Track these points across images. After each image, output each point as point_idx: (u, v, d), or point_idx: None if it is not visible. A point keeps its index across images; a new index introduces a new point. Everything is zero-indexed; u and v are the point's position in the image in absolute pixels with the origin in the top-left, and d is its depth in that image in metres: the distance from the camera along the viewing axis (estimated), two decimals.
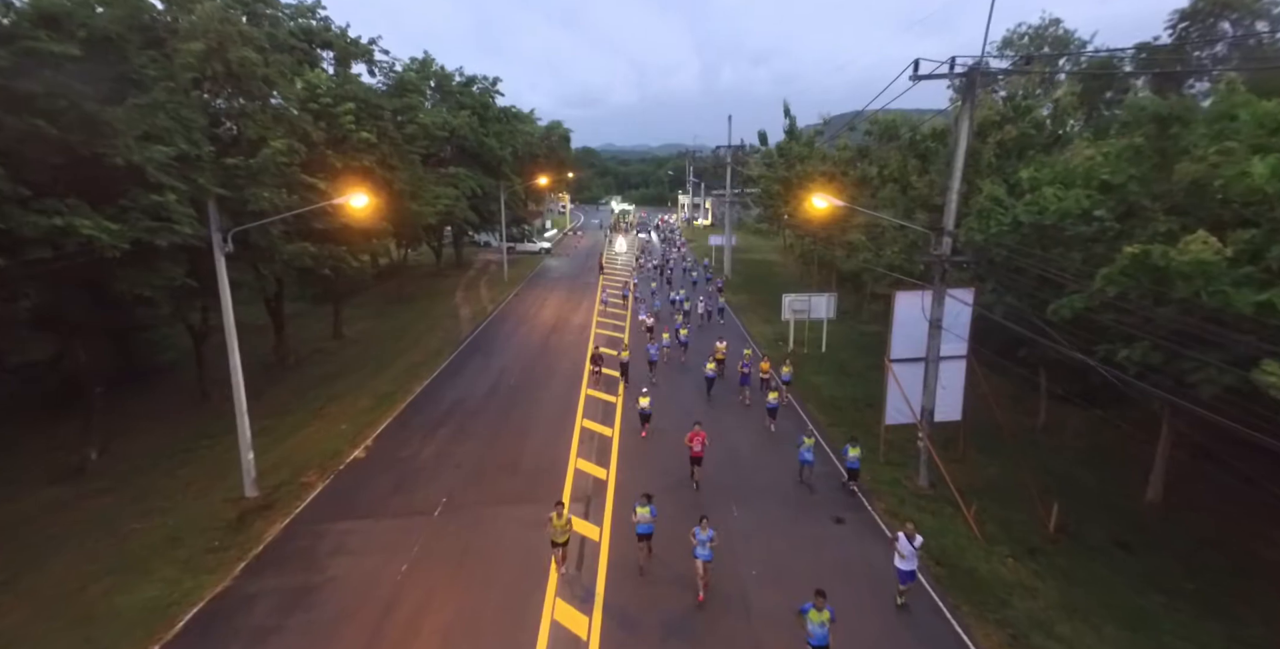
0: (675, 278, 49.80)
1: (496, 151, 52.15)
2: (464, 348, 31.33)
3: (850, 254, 32.87)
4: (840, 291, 45.31)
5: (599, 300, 40.21)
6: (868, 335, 35.01)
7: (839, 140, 39.89)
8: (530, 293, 45.89)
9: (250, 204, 18.31)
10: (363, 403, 23.37)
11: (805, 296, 30.77)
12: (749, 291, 46.24)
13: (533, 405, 23.12)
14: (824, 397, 24.80)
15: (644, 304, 36.66)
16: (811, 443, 16.95)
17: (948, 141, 25.28)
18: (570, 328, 35.14)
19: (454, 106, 50.91)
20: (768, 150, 51.16)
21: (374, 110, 29.28)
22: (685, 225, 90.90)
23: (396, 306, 41.80)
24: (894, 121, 27.30)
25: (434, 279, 51.45)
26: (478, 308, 40.79)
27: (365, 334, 34.93)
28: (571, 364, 28.30)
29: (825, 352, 30.83)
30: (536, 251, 65.79)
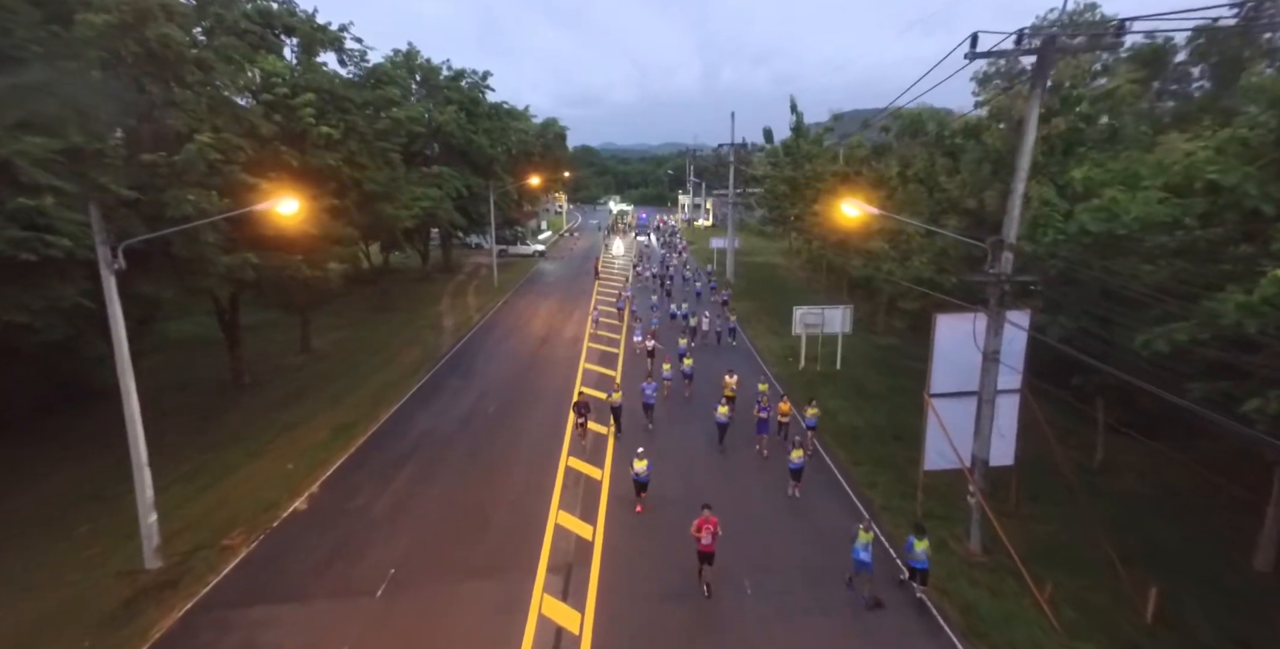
0: (676, 287, 45.53)
1: (486, 149, 49.21)
2: (442, 365, 28.40)
3: (868, 263, 29.89)
4: (852, 299, 42.47)
5: (591, 319, 34.47)
6: (885, 350, 32.12)
7: (852, 138, 36.96)
8: (520, 300, 42.94)
9: (170, 209, 15.37)
10: (319, 435, 20.43)
11: (819, 309, 27.84)
12: (754, 298, 43.31)
13: (512, 439, 20.19)
14: (842, 425, 21.86)
15: (640, 323, 32.22)
16: (870, 539, 12.35)
17: (983, 138, 22.41)
18: (560, 341, 32.19)
19: (441, 102, 48.01)
20: (773, 148, 48.25)
21: (341, 103, 26.33)
22: (685, 226, 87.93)
23: (376, 315, 38.87)
24: (920, 116, 24.41)
25: (419, 285, 48.49)
26: (462, 317, 37.85)
27: (338, 347, 31.99)
28: (559, 385, 25.38)
29: (840, 369, 27.91)
30: (530, 254, 62.85)
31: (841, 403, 24.04)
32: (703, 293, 42.29)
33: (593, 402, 20.68)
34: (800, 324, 27.72)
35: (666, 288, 43.40)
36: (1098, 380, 17.22)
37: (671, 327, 33.08)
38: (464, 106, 48.99)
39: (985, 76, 33.91)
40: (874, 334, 34.83)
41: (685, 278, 48.97)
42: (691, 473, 17.66)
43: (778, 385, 24.62)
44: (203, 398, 23.86)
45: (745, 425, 19.38)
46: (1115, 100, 19.42)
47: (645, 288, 45.61)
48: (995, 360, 13.29)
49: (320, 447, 19.32)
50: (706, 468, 18.12)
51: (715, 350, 30.49)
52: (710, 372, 24.82)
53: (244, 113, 20.11)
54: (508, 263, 59.16)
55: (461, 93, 49.60)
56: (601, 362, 28.41)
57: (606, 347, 30.93)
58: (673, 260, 57.68)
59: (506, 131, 54.93)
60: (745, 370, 26.18)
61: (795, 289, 48.02)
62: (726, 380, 21.40)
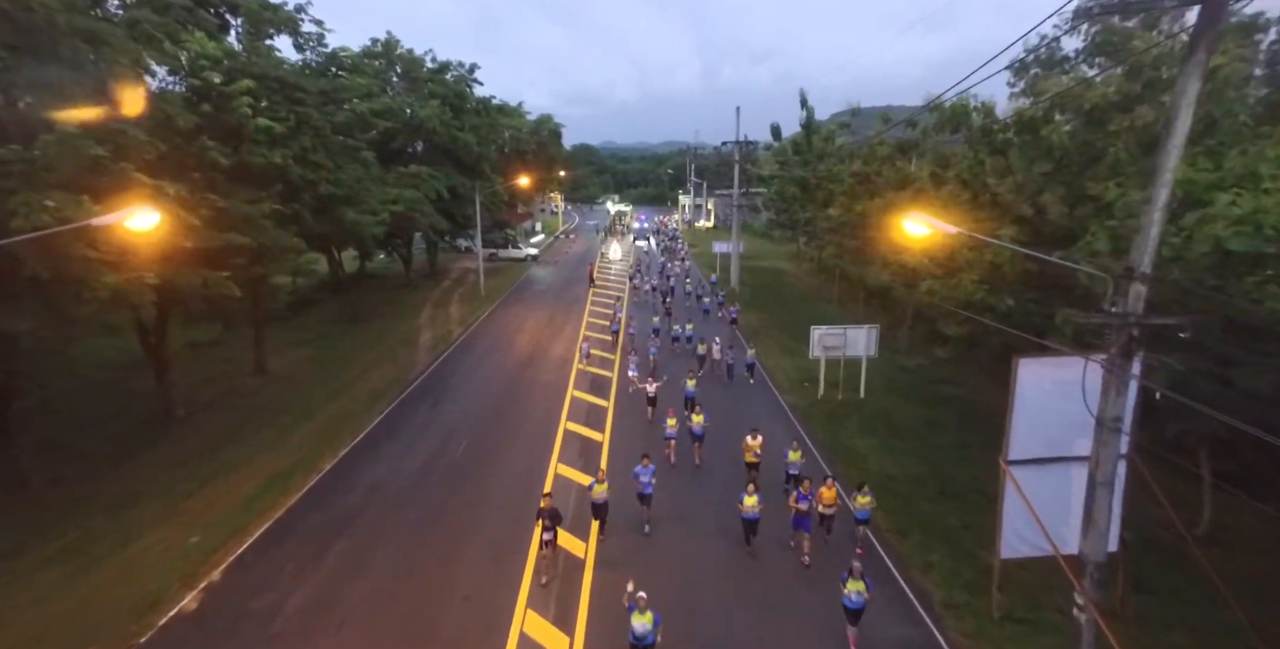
0: (678, 300, 40.08)
1: (472, 147, 45.60)
2: (412, 390, 24.80)
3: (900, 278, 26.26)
4: (869, 310, 38.85)
5: (579, 350, 28.17)
6: (911, 373, 28.51)
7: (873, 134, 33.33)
8: (507, 312, 39.30)
9: (19, 217, 11.77)
10: (246, 487, 16.83)
11: (840, 329, 24.26)
12: (761, 309, 39.71)
13: (480, 494, 16.60)
14: (875, 474, 18.26)
15: (638, 354, 26.02)
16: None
17: (1043, 131, 18.77)
18: (547, 363, 28.55)
19: (424, 96, 44.40)
20: (780, 146, 44.68)
21: (291, 92, 22.71)
22: (686, 228, 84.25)
23: (348, 328, 35.22)
24: (964, 108, 20.81)
25: (400, 293, 44.84)
26: (441, 331, 34.22)
27: (298, 367, 28.34)
28: (541, 419, 21.81)
29: (865, 397, 24.32)
30: (522, 259, 59.25)
31: (870, 441, 20.46)
32: (710, 309, 37.37)
33: (571, 488, 16.51)
34: (819, 346, 24.14)
35: (667, 305, 36.78)
36: (1203, 429, 13.77)
37: (675, 352, 29.01)
38: (448, 101, 45.39)
39: (1022, 66, 30.27)
40: (897, 353, 31.22)
41: (687, 291, 43.39)
42: (706, 605, 12.22)
43: (822, 464, 18.32)
44: (122, 436, 20.25)
45: (772, 497, 14.72)
46: (1217, 82, 15.84)
47: (644, 302, 40.98)
48: (1116, 429, 9.67)
49: (243, 507, 15.70)
50: (729, 590, 12.77)
51: (727, 388, 25.35)
52: (725, 421, 20.47)
53: (153, 100, 16.48)
54: (497, 268, 55.60)
55: (446, 87, 45.99)
56: (592, 389, 24.81)
57: (599, 369, 27.31)
58: (674, 268, 52.50)
59: (496, 128, 51.39)
60: (766, 415, 22.59)
61: (805, 298, 44.43)
62: (749, 442, 16.46)
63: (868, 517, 14.19)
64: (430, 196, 37.19)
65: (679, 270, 52.27)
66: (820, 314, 39.52)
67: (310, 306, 40.16)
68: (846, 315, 39.19)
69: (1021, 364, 11.60)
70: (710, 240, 72.68)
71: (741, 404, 23.57)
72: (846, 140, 40.97)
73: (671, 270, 51.19)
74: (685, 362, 27.08)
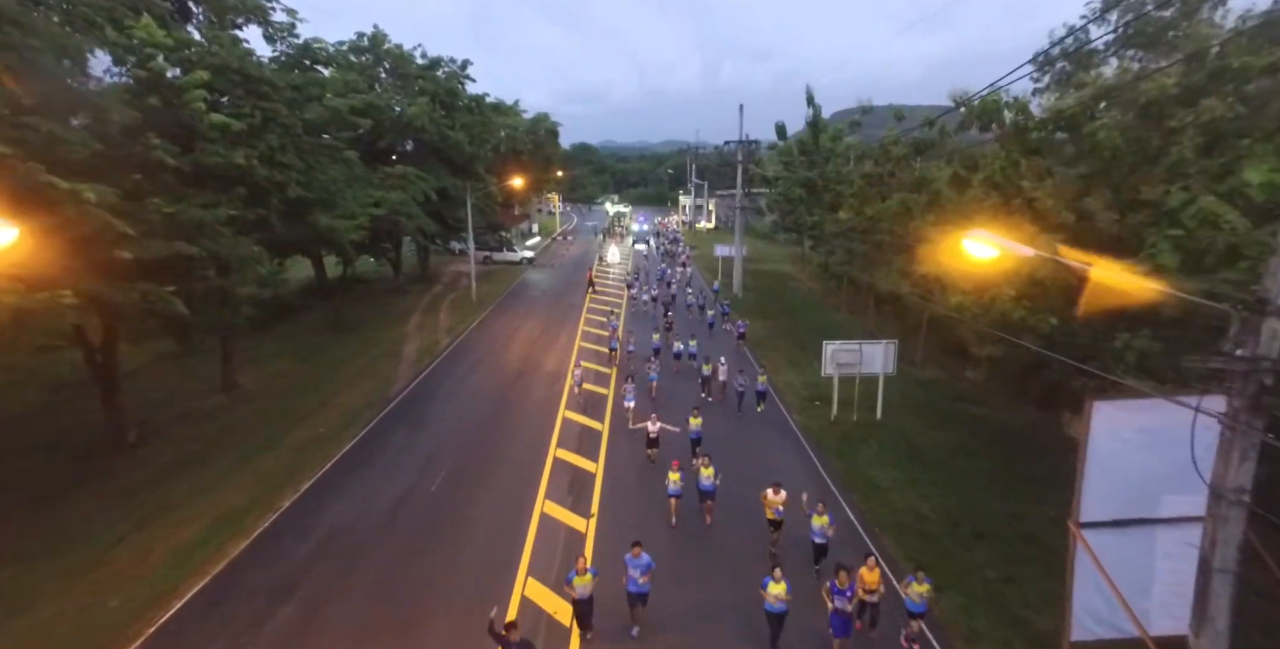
0: (679, 310, 37.34)
1: (464, 147, 43.49)
2: (391, 410, 22.75)
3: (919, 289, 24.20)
4: (877, 317, 36.82)
5: (572, 378, 24.42)
6: (928, 387, 26.47)
7: (887, 133, 31.20)
8: (499, 319, 37.22)
9: None
10: (188, 532, 14.77)
11: (854, 345, 22.17)
12: (765, 316, 37.65)
13: (456, 538, 14.55)
14: (901, 512, 16.23)
15: (632, 386, 21.43)
16: None
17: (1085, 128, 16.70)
18: (539, 378, 26.48)
19: (413, 93, 42.31)
20: (786, 146, 42.60)
21: (256, 86, 20.64)
22: (687, 230, 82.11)
23: (331, 338, 33.13)
24: (996, 103, 18.69)
25: (388, 298, 42.77)
26: (428, 342, 32.16)
27: (271, 383, 26.26)
28: (531, 442, 19.78)
29: (882, 418, 22.26)
30: (517, 262, 57.15)
31: (894, 474, 18.38)
32: (714, 322, 33.73)
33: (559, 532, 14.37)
34: (832, 363, 22.04)
35: (668, 319, 33.06)
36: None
37: (677, 372, 26.38)
38: (439, 99, 43.28)
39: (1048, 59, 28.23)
40: (912, 365, 29.16)
41: (689, 302, 39.40)
42: None
43: (865, 542, 14.75)
44: (57, 468, 18.16)
45: (799, 579, 11.68)
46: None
47: (643, 313, 37.90)
48: (1239, 503, 7.60)
49: (179, 558, 13.63)
50: None
51: (738, 420, 22.11)
52: (737, 462, 17.55)
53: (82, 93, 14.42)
54: (491, 271, 53.57)
55: (437, 84, 43.86)
56: (586, 409, 22.74)
57: (593, 386, 25.25)
58: (675, 274, 49.00)
59: (489, 127, 49.28)
60: (777, 443, 20.53)
61: (811, 305, 42.36)
62: (770, 497, 13.69)
63: (924, 609, 11.10)
64: (418, 199, 35.06)
65: (680, 277, 48.78)
66: (828, 323, 37.49)
67: (293, 314, 38.15)
68: (855, 324, 37.17)
69: (1097, 408, 9.48)
70: (711, 242, 70.71)
71: (754, 440, 20.71)
72: (855, 140, 38.85)
73: (672, 277, 47.96)
74: (688, 383, 25.01)
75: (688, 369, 26.52)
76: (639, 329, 31.97)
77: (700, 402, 21.03)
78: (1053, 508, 16.35)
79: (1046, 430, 21.97)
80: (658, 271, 50.08)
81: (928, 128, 27.29)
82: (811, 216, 38.82)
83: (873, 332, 34.69)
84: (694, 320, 35.87)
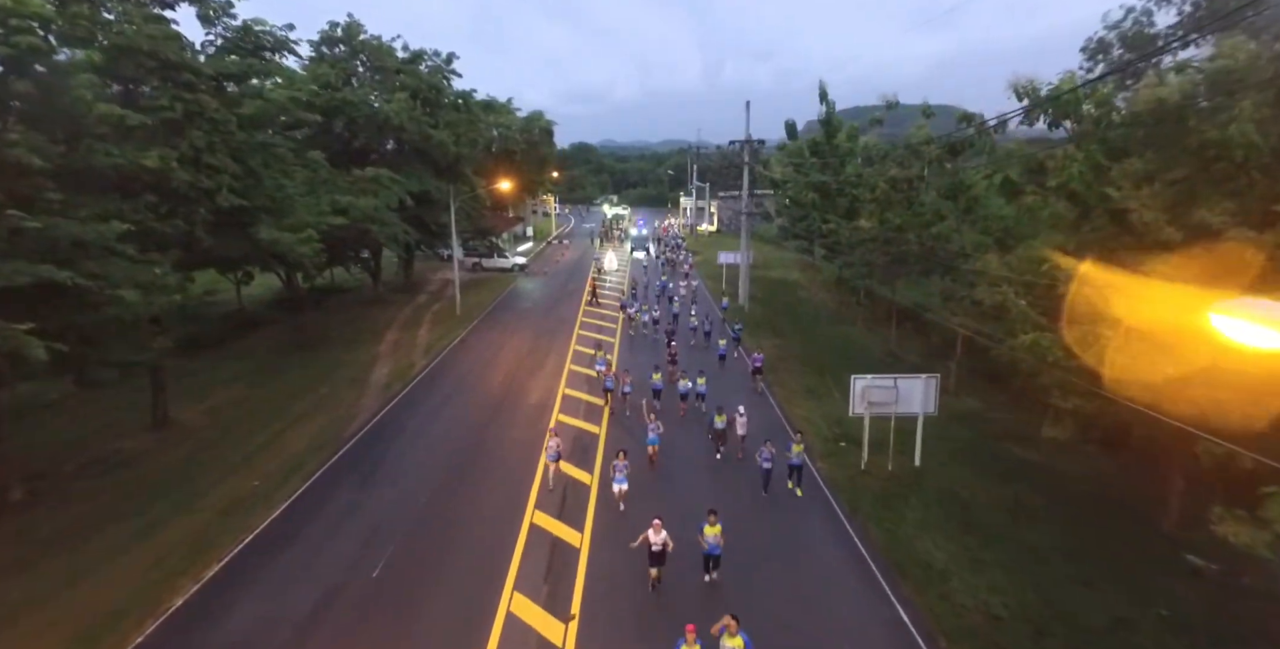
0: (683, 335, 31.40)
1: (449, 147, 39.89)
2: (342, 456, 19.16)
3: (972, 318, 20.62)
4: (899, 333, 33.22)
5: (547, 449, 17.42)
6: (969, 422, 22.94)
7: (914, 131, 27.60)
8: (482, 337, 33.62)
9: None
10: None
11: (889, 381, 18.58)
12: (775, 331, 34.06)
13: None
14: (960, 603, 12.64)
15: (623, 464, 15.85)
16: None
17: (1193, 122, 13.07)
18: (520, 414, 22.85)
19: (393, 89, 38.73)
20: (795, 145, 38.94)
21: (173, 73, 17.02)
22: (688, 233, 78.42)
23: (294, 359, 29.53)
24: (1075, 95, 15.02)
25: (365, 311, 39.19)
26: (401, 364, 28.57)
27: (214, 417, 22.64)
28: (505, 501, 16.19)
29: (921, 465, 18.69)
30: (508, 268, 53.54)
31: (948, 548, 14.76)
32: (725, 353, 27.63)
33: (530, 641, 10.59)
34: (862, 401, 18.44)
35: (672, 351, 26.51)
36: None
37: (684, 417, 21.71)
38: (421, 95, 39.70)
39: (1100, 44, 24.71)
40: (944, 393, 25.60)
41: (693, 325, 32.34)
42: None
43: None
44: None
45: None
46: None
47: (641, 339, 32.47)
48: None
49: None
50: None
51: (768, 508, 16.37)
52: (777, 604, 12.25)
53: None
54: (480, 280, 50.00)
55: (419, 79, 40.27)
56: (573, 455, 19.13)
57: (583, 422, 21.69)
58: (679, 289, 41.93)
59: (477, 125, 45.66)
60: (809, 526, 16.71)
61: (823, 318, 38.75)
62: None
63: None
64: (392, 204, 31.45)
65: (685, 291, 41.83)
66: (844, 340, 33.91)
67: (257, 329, 34.59)
68: (875, 341, 33.57)
69: None
70: (714, 247, 67.07)
71: (793, 543, 14.85)
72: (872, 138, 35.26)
73: (675, 291, 41.33)
74: (696, 438, 20.20)
75: (695, 414, 22.19)
76: (637, 362, 26.99)
77: (716, 501, 14.11)
78: (1164, 605, 12.78)
79: (1129, 487, 18.41)
80: (658, 285, 43.30)
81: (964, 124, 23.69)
82: (825, 224, 35.21)
83: (895, 351, 31.12)
84: (699, 347, 30.58)
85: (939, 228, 23.93)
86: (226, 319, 34.54)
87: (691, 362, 26.63)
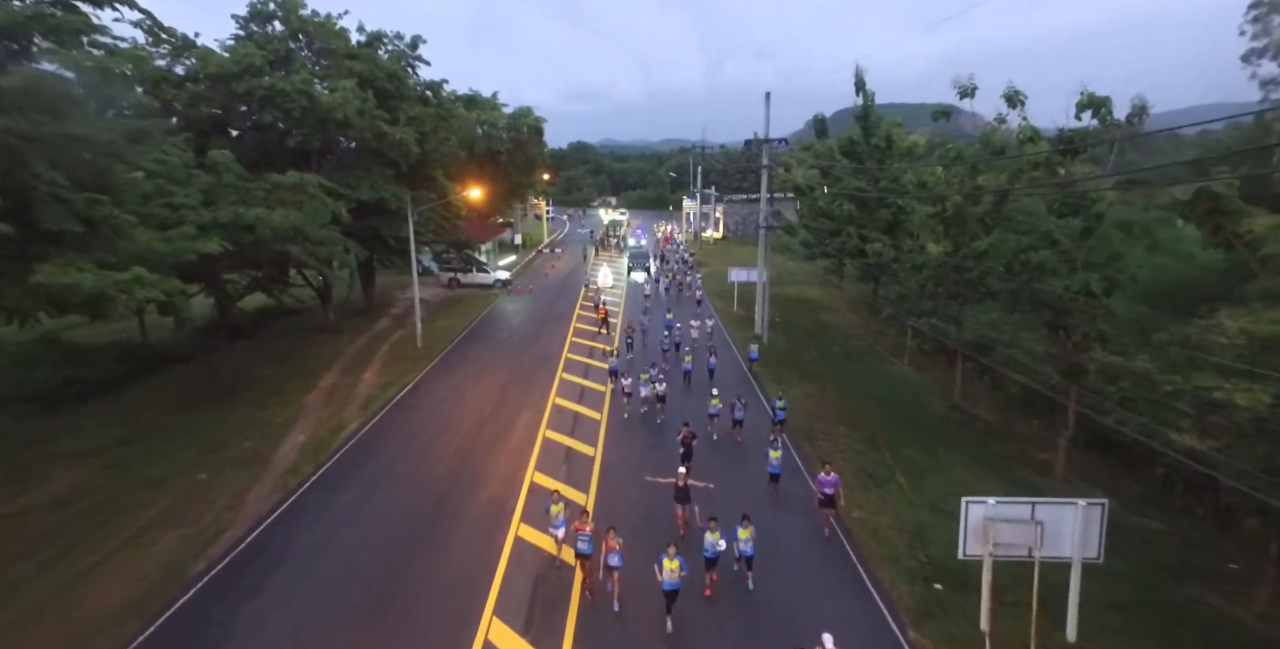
0: (698, 419, 19.69)
1: (410, 146, 32.97)
2: (173, 618, 12.27)
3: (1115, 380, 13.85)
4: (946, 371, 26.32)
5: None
6: (1125, 540, 15.97)
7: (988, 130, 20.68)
8: (443, 381, 26.68)
9: None
10: None
11: (1023, 507, 11.65)
12: (802, 373, 27.18)
13: None
14: None
15: None
16: None
17: None
18: (469, 519, 15.86)
19: (343, 75, 31.78)
20: (825, 146, 31.92)
21: None
22: (692, 240, 71.36)
23: (191, 417, 22.61)
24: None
25: (309, 342, 32.27)
26: (327, 427, 21.69)
27: (14, 530, 15.64)
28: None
29: (1078, 644, 11.79)
30: (489, 284, 46.62)
31: None
32: (780, 471, 16.56)
33: None
34: (980, 538, 11.58)
35: (685, 477, 14.47)
36: None
37: (709, 598, 12.50)
38: (375, 84, 32.80)
39: (1271, 3, 17.83)
40: (1041, 474, 18.82)
41: (714, 410, 19.88)
42: None
43: None
44: None
45: None
46: None
47: (638, 425, 21.37)
48: None
49: None
50: None
51: None
52: None
53: None
54: (455, 299, 43.13)
55: (375, 65, 33.32)
56: (542, 604, 12.23)
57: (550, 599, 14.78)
58: (691, 333, 29.28)
59: (449, 121, 38.69)
60: None
61: (858, 352, 31.76)
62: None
63: None
64: (322, 217, 24.50)
65: (698, 332, 29.59)
66: (890, 384, 26.98)
67: (163, 370, 27.59)
68: (929, 386, 26.68)
69: None
70: (721, 256, 60.08)
71: None
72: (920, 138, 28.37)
73: (683, 336, 28.40)
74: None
75: (729, 574, 13.15)
76: (628, 509, 15.71)
77: None
78: None
79: None
80: (663, 334, 28.85)
81: (1090, 115, 16.79)
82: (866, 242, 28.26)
83: (959, 405, 24.26)
84: (723, 447, 19.50)
85: (1042, 256, 17.17)
86: (126, 357, 27.63)
87: (717, 470, 16.98)
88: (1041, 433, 21.37)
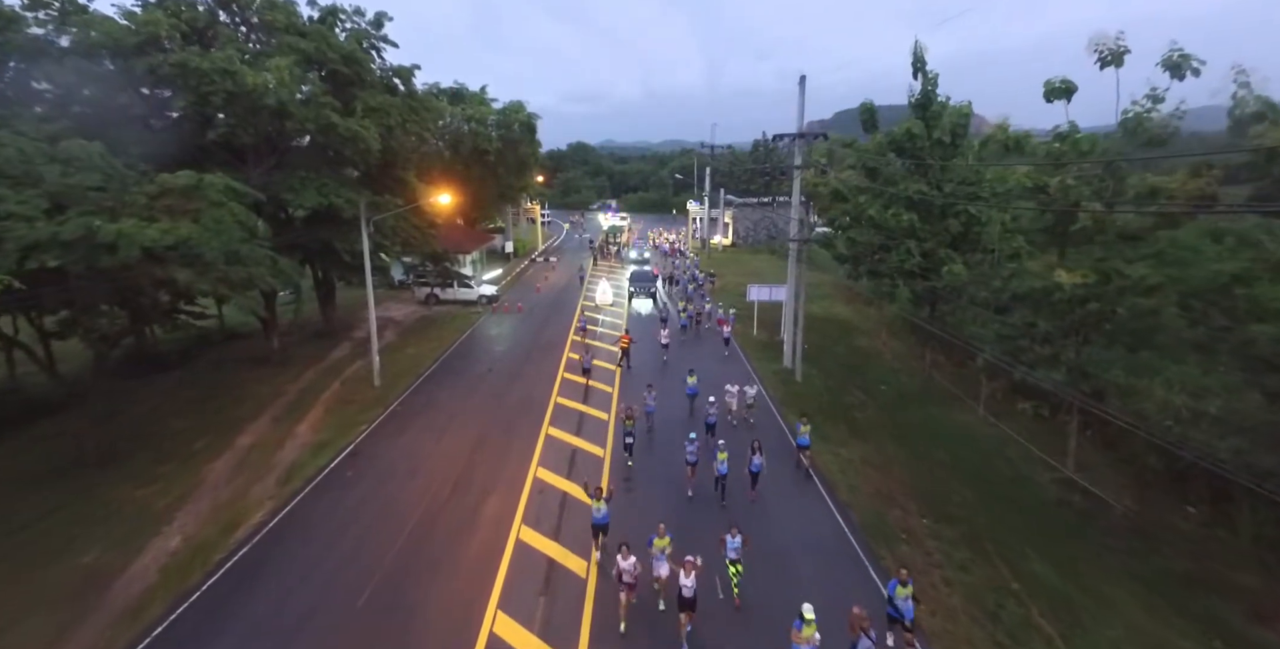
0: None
1: (370, 143, 26.79)
2: None
3: None
4: (1015, 413, 20.17)
5: None
6: None
7: (1131, 117, 14.59)
8: (396, 439, 20.49)
9: None
10: None
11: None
12: (850, 425, 21.10)
13: None
14: None
15: None
16: None
17: None
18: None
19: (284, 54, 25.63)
20: (875, 141, 25.56)
21: None
22: (699, 249, 65.18)
23: (33, 496, 16.48)
24: None
25: (244, 377, 26.10)
26: (224, 514, 15.57)
27: None
28: None
29: None
30: (472, 301, 40.46)
31: None
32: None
33: None
34: None
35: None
36: None
37: None
38: (325, 66, 26.73)
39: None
40: (1227, 579, 12.72)
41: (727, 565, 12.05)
42: None
43: None
44: None
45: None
46: None
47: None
48: None
49: None
50: None
51: None
52: None
53: None
54: (432, 319, 37.01)
55: (326, 43, 27.16)
56: None
57: None
58: (727, 401, 20.57)
59: (421, 114, 32.51)
60: None
61: (910, 391, 25.59)
62: None
63: None
64: (227, 230, 18.31)
65: (737, 405, 20.67)
66: (964, 441, 20.85)
67: (34, 422, 21.36)
68: (1011, 448, 20.58)
69: None
70: (731, 266, 53.95)
71: None
72: (1001, 131, 22.22)
73: (721, 410, 19.71)
74: None
75: None
76: None
77: None
78: None
79: None
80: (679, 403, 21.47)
81: None
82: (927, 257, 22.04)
83: (1071, 477, 18.12)
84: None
85: (1259, 291, 11.21)
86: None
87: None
88: (1209, 528, 15.22)
